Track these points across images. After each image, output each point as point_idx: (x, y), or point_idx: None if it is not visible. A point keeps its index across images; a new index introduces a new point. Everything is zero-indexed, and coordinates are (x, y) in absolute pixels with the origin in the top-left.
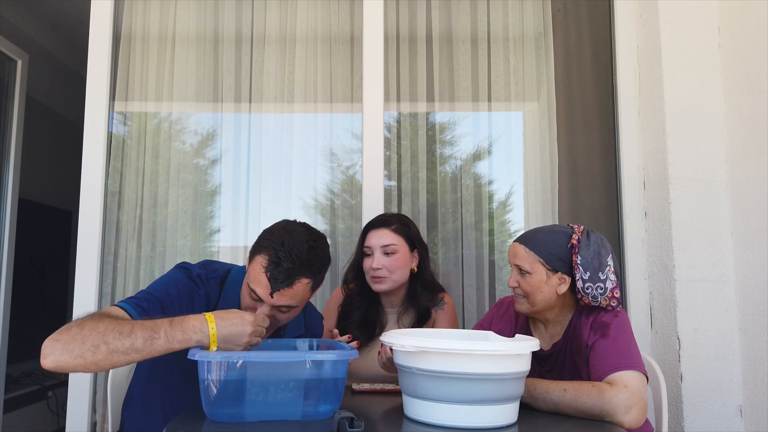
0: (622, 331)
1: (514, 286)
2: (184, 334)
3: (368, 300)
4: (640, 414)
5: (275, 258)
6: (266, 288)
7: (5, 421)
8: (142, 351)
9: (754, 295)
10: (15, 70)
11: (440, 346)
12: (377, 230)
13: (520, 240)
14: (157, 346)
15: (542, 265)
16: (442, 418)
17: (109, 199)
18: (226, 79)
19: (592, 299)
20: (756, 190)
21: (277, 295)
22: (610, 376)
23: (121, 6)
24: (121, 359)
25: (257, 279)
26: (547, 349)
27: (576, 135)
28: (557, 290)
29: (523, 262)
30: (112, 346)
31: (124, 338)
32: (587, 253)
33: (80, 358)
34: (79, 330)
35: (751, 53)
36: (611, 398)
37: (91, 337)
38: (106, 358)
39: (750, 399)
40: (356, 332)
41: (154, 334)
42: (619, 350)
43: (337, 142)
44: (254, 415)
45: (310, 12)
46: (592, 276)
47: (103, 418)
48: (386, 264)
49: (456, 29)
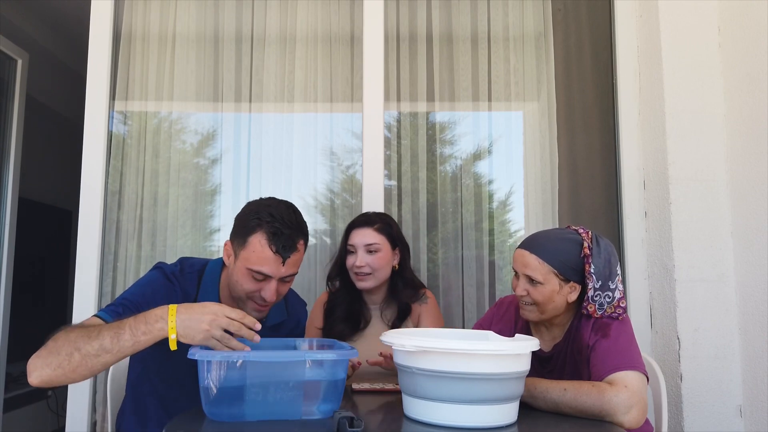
0: (623, 332)
1: (523, 294)
2: (146, 324)
3: (351, 296)
4: (639, 414)
5: (273, 230)
6: (276, 261)
7: (5, 420)
8: (111, 350)
9: (754, 295)
10: (15, 69)
11: (440, 345)
12: (360, 229)
13: (529, 248)
14: (124, 342)
15: (555, 276)
16: (442, 417)
17: (109, 198)
18: (226, 78)
19: (598, 307)
20: (756, 190)
21: (288, 263)
22: (610, 376)
23: (121, 6)
24: (95, 362)
25: (262, 257)
26: (548, 351)
27: (576, 135)
28: (568, 298)
29: (535, 272)
30: (83, 351)
31: (92, 341)
32: (599, 261)
33: (59, 369)
34: (54, 343)
35: (751, 53)
36: (611, 398)
37: (65, 347)
38: (81, 364)
39: (750, 399)
40: (341, 326)
41: (119, 330)
42: (620, 350)
43: (337, 142)
44: (254, 415)
45: (310, 12)
46: (603, 285)
47: (103, 417)
48: (369, 262)
49: (456, 29)
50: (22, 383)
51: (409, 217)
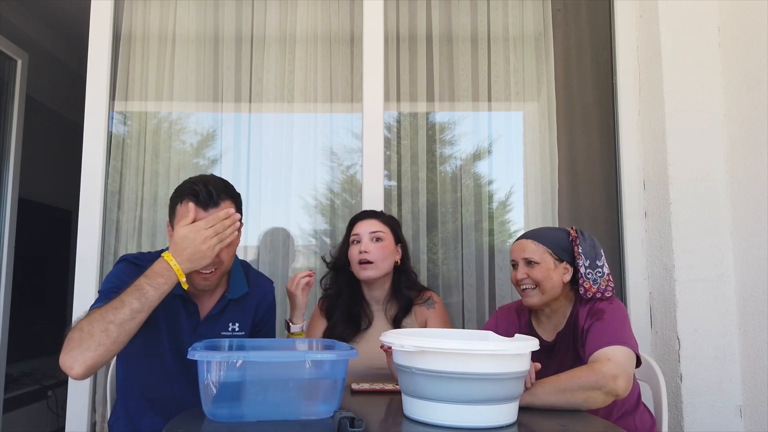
0: (617, 316)
1: (523, 278)
2: (161, 276)
3: (351, 296)
4: (625, 383)
5: (192, 191)
6: (199, 212)
7: (5, 420)
8: (143, 308)
9: (753, 295)
10: (15, 69)
11: (440, 346)
12: (366, 220)
13: (525, 236)
14: (151, 296)
15: (550, 255)
16: (442, 418)
17: (109, 198)
18: (226, 78)
19: (593, 282)
20: (756, 190)
21: (210, 214)
22: (597, 352)
23: (121, 6)
24: (132, 325)
25: (184, 214)
26: (552, 340)
27: (576, 135)
28: (563, 278)
29: (532, 254)
30: (117, 321)
31: (121, 310)
32: (585, 245)
33: (100, 347)
34: (79, 333)
35: (751, 53)
36: (600, 369)
37: (96, 327)
38: (120, 332)
39: (750, 399)
40: (342, 327)
41: (140, 291)
42: (611, 331)
43: (337, 142)
44: (254, 415)
45: (310, 12)
46: (591, 263)
47: (103, 417)
48: (373, 249)
49: (456, 29)
50: (22, 383)
51: (409, 217)
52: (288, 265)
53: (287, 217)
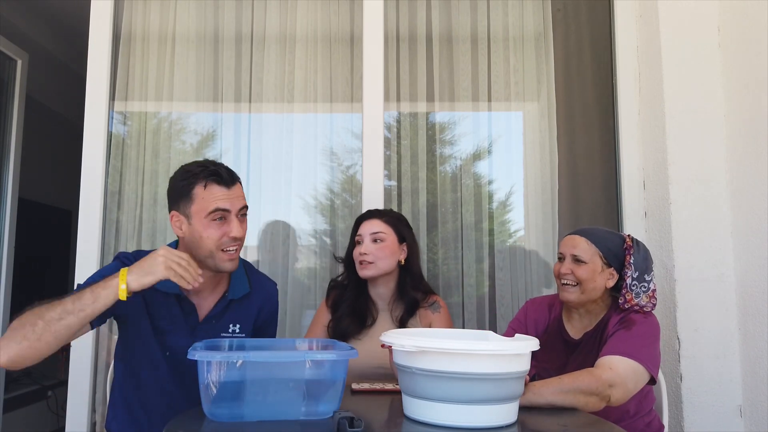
0: (646, 332)
1: (567, 273)
2: (104, 282)
3: (357, 291)
4: (621, 393)
5: (208, 172)
6: (226, 193)
7: (5, 420)
8: (73, 311)
9: (754, 295)
10: (15, 69)
11: (440, 345)
12: (369, 220)
13: (581, 233)
14: (84, 300)
15: (600, 258)
16: (442, 417)
17: (109, 198)
18: (226, 78)
19: (635, 296)
20: (756, 190)
21: (235, 194)
22: (604, 358)
23: (121, 6)
24: (59, 326)
25: (213, 197)
26: (578, 338)
27: (576, 135)
28: (606, 283)
29: (583, 252)
30: (46, 318)
31: (55, 308)
32: (638, 256)
33: (24, 341)
34: (18, 321)
35: (751, 53)
36: (600, 375)
37: (29, 319)
38: (45, 330)
39: (750, 399)
40: (347, 321)
41: (80, 294)
42: (632, 343)
43: (337, 142)
44: (254, 415)
45: (310, 12)
46: (640, 276)
47: (103, 417)
48: (372, 250)
49: (456, 29)
50: (22, 383)
51: (409, 217)
52: (288, 265)
53: (287, 217)
